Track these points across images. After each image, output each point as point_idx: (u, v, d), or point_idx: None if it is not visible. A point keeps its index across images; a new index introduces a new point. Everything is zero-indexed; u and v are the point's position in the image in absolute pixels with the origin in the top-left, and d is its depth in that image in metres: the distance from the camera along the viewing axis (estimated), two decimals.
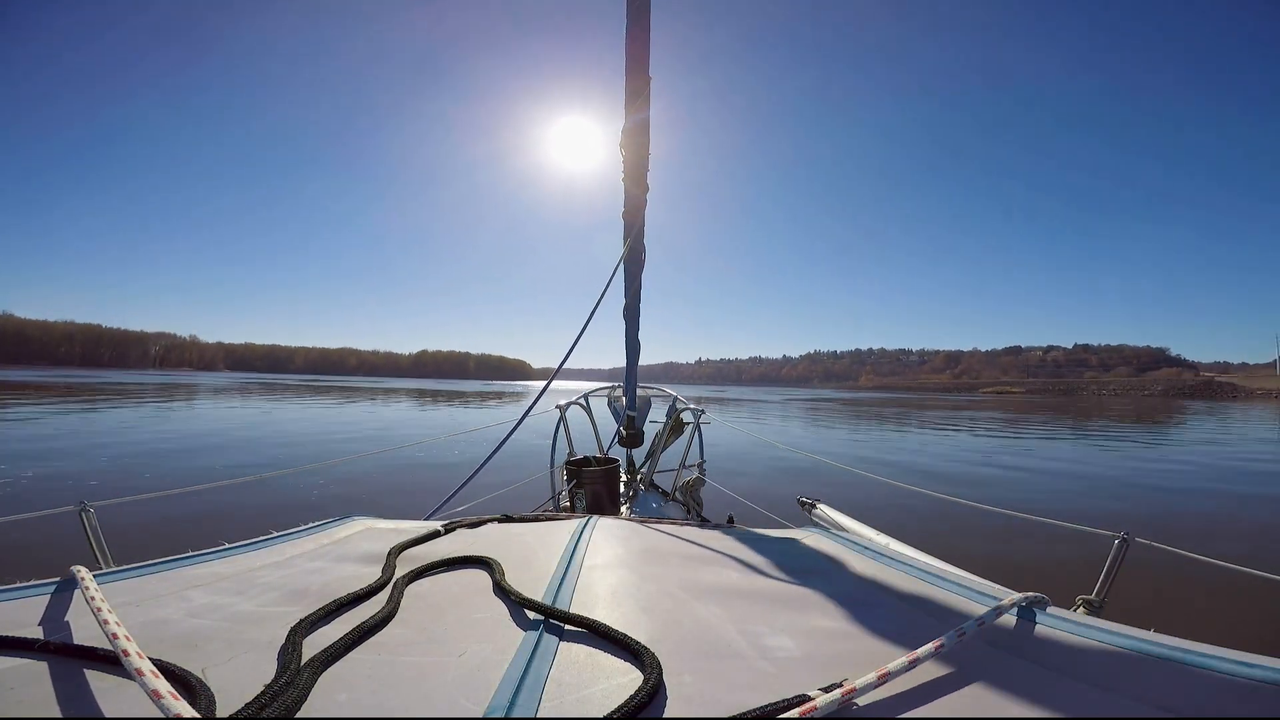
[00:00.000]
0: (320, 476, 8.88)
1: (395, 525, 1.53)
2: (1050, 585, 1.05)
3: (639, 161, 2.13)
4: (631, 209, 2.31)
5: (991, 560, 5.73)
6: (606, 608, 0.91)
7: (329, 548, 1.27)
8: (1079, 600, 1.39)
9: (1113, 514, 8.12)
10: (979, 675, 0.70)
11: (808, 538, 1.43)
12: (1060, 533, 2.01)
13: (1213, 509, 8.06)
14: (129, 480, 8.42)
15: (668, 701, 0.63)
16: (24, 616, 0.78)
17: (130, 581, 0.93)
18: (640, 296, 2.84)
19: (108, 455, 10.33)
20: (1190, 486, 9.80)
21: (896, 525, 2.41)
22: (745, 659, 0.75)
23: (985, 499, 3.78)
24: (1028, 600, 0.83)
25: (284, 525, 1.42)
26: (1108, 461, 13.19)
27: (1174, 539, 1.49)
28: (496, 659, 0.72)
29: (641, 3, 1.70)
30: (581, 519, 1.56)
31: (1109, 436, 20.02)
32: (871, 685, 0.62)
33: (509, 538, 1.38)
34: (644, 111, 1.96)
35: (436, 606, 0.92)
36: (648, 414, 4.52)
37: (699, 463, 4.33)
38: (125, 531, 5.40)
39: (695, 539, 1.41)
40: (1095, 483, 10.11)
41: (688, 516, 3.80)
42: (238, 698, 0.59)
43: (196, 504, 6.70)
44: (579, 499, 3.49)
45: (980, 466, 12.08)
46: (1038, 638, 0.76)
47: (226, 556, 1.11)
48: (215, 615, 0.84)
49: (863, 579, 1.11)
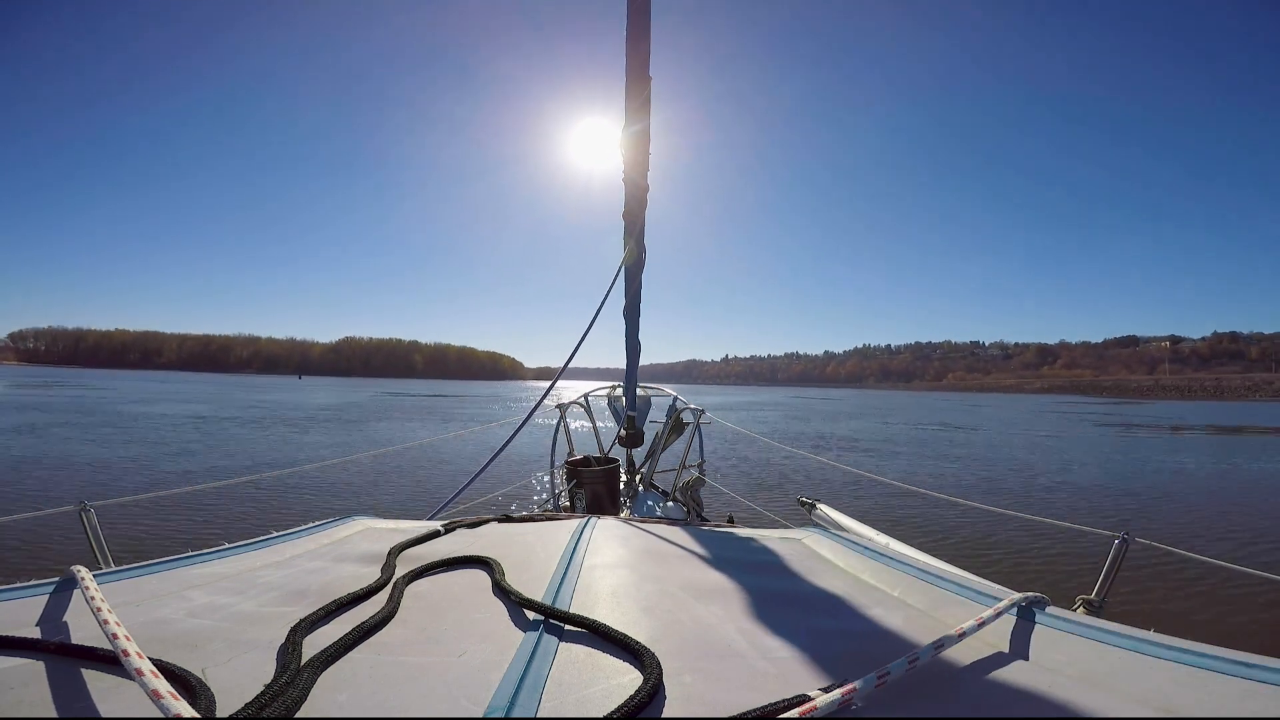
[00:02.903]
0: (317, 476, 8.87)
1: (395, 525, 1.53)
2: (1051, 585, 1.05)
3: (639, 162, 2.12)
4: (632, 210, 2.31)
5: (999, 559, 5.72)
6: (606, 608, 0.91)
7: (329, 548, 1.27)
8: (1079, 600, 1.39)
9: (1113, 514, 8.11)
10: (979, 675, 0.70)
11: (808, 538, 1.43)
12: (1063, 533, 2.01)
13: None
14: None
15: (668, 701, 0.63)
16: (24, 616, 0.78)
17: (130, 581, 0.93)
18: (640, 297, 2.84)
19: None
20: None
21: (897, 525, 2.41)
22: (745, 659, 0.75)
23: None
24: (1027, 600, 0.83)
25: (284, 525, 1.42)
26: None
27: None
28: (496, 659, 0.72)
29: (642, 3, 1.70)
30: (581, 519, 1.56)
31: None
32: (871, 685, 0.62)
33: (509, 538, 1.38)
34: (644, 112, 1.96)
35: (436, 606, 0.92)
36: (648, 414, 4.52)
37: (699, 463, 4.33)
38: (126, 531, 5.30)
39: (695, 539, 1.41)
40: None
41: (688, 516, 3.80)
42: (238, 698, 0.59)
43: (197, 504, 6.70)
44: (579, 499, 3.49)
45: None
46: (1038, 638, 0.76)
47: (226, 556, 1.11)
48: (215, 615, 0.84)
49: (863, 579, 1.11)
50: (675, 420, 4.41)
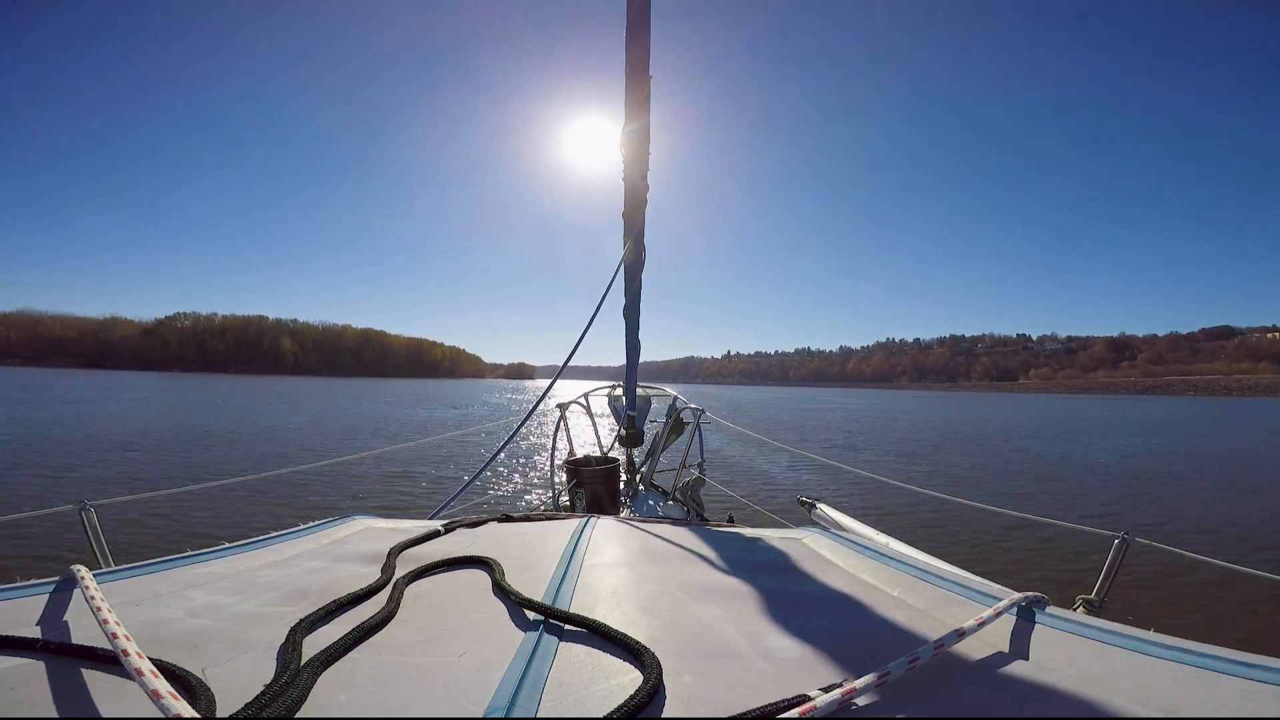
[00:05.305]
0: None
1: (395, 525, 1.53)
2: (1051, 585, 1.05)
3: (639, 161, 2.12)
4: (632, 209, 2.31)
5: (999, 559, 5.72)
6: (606, 608, 0.91)
7: (329, 548, 1.27)
8: (1079, 600, 1.39)
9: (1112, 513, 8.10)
10: (979, 675, 0.70)
11: (808, 538, 1.43)
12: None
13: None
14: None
15: (667, 701, 0.63)
16: (24, 616, 0.78)
17: (130, 581, 0.93)
18: (640, 296, 2.84)
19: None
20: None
21: (897, 525, 2.41)
22: (745, 659, 0.75)
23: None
24: (1027, 600, 0.83)
25: (284, 525, 1.42)
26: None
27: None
28: (496, 659, 0.72)
29: (642, 3, 1.70)
30: (581, 519, 1.56)
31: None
32: (871, 685, 0.62)
33: (509, 538, 1.38)
34: (644, 111, 1.96)
35: (436, 606, 0.92)
36: (648, 414, 4.52)
37: (699, 463, 4.33)
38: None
39: (695, 539, 1.41)
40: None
41: (688, 516, 3.80)
42: (238, 698, 0.59)
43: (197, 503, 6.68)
44: (579, 499, 3.49)
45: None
46: (1038, 638, 0.76)
47: (226, 556, 1.11)
48: (215, 615, 0.84)
49: (863, 579, 1.11)
50: (675, 420, 4.41)
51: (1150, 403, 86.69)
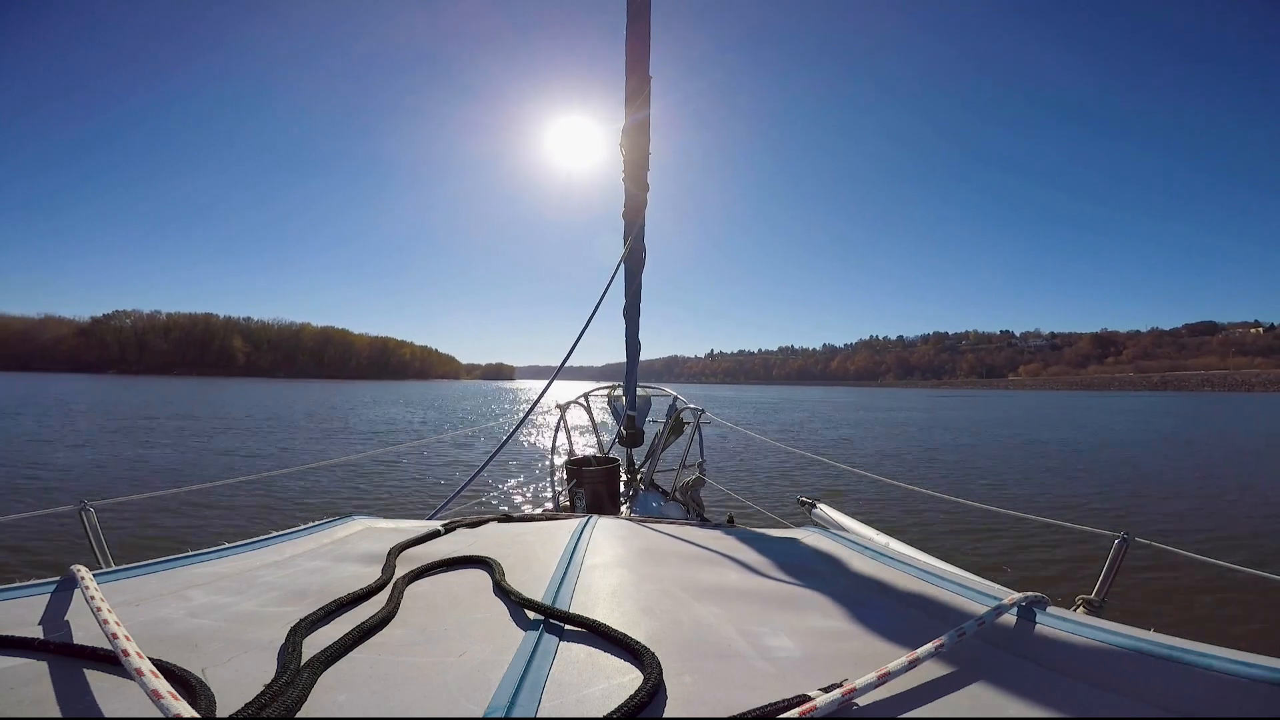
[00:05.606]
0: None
1: (395, 525, 1.53)
2: (1051, 585, 1.05)
3: (639, 161, 2.13)
4: (632, 208, 2.31)
5: (999, 559, 5.72)
6: (606, 608, 0.91)
7: (329, 548, 1.27)
8: (1079, 600, 1.39)
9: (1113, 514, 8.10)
10: (979, 675, 0.70)
11: (808, 538, 1.43)
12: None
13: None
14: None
15: (668, 701, 0.63)
16: (24, 616, 0.78)
17: (130, 581, 0.93)
18: (640, 296, 2.84)
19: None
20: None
21: (896, 525, 2.41)
22: (745, 659, 0.75)
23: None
24: (1028, 600, 0.83)
25: (284, 525, 1.42)
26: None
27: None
28: (496, 659, 0.72)
29: (641, 2, 1.70)
30: (581, 519, 1.56)
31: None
32: (871, 685, 0.62)
33: (509, 538, 1.38)
34: (644, 111, 1.96)
35: (436, 606, 0.92)
36: (648, 414, 4.52)
37: (699, 463, 4.33)
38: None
39: (695, 539, 1.41)
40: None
41: (688, 516, 3.80)
42: (238, 698, 0.59)
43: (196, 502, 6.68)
44: (579, 499, 3.50)
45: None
46: (1038, 638, 0.76)
47: (226, 556, 1.12)
48: (215, 615, 0.84)
49: (863, 579, 1.11)
50: (675, 420, 4.41)
51: (1168, 399, 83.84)
